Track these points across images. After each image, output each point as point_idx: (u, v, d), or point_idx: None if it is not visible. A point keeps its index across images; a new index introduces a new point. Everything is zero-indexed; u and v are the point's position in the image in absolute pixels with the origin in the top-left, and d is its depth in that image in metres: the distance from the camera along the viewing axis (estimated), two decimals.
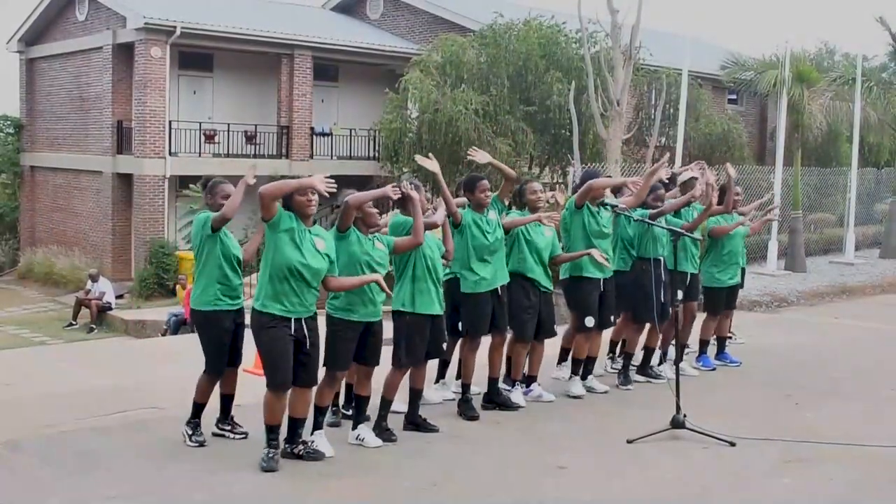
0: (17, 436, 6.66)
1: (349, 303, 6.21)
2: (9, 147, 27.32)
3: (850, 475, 6.14)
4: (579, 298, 7.90)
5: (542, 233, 7.63)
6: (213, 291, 6.30)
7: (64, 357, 11.20)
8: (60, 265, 23.82)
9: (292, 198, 5.88)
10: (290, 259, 5.80)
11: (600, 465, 6.31)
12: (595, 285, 7.86)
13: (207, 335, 6.37)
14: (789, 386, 8.63)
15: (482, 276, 7.20)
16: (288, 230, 5.83)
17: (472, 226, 7.20)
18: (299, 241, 5.84)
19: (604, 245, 7.86)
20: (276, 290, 5.84)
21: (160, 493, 5.62)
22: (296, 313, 5.87)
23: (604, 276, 7.89)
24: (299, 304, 5.87)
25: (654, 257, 8.25)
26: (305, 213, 5.91)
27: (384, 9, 27.80)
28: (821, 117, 20.61)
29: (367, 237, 6.27)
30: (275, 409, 5.94)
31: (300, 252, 5.82)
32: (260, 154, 23.95)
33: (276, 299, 5.84)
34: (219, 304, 6.31)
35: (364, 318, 6.25)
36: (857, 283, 16.30)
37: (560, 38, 22.05)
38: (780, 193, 17.34)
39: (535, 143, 21.54)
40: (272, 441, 5.96)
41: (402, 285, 6.64)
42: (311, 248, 5.87)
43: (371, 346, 6.36)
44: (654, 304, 8.13)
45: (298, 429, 6.10)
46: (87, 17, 24.56)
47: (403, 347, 6.60)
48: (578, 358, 8.03)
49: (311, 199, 5.88)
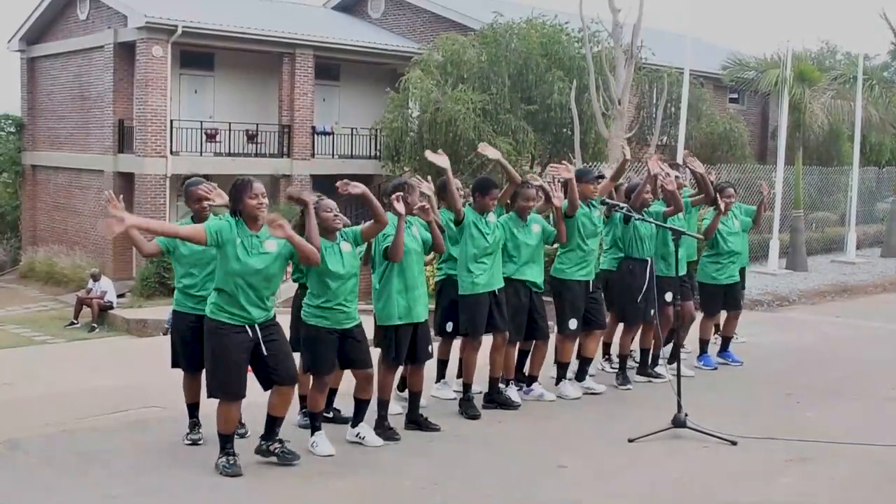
0: (17, 435, 6.67)
1: (321, 312, 6.10)
2: (10, 146, 27.34)
3: (850, 474, 6.13)
4: (564, 300, 7.85)
5: (531, 231, 7.59)
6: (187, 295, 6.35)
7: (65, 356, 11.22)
8: (62, 264, 23.83)
9: (242, 201, 5.64)
10: (234, 270, 5.60)
11: (601, 464, 6.30)
12: (582, 287, 7.82)
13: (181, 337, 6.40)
14: (790, 385, 8.62)
15: (479, 277, 7.17)
16: (229, 241, 5.61)
17: (472, 227, 7.16)
18: (244, 249, 5.62)
19: (595, 244, 7.85)
20: (227, 299, 5.67)
21: (160, 493, 5.61)
22: (250, 320, 5.69)
23: (591, 278, 7.88)
24: (249, 315, 5.67)
25: (642, 258, 8.22)
26: (255, 217, 5.64)
27: (385, 8, 27.82)
28: (822, 116, 20.59)
29: (332, 243, 6.08)
30: (228, 419, 5.81)
31: (244, 262, 5.59)
32: (261, 153, 23.97)
33: (225, 308, 5.67)
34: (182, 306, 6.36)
35: (336, 325, 6.14)
36: (858, 283, 16.30)
37: (561, 37, 22.06)
38: (781, 192, 17.34)
39: (536, 142, 21.54)
40: (228, 449, 5.82)
41: (382, 295, 6.56)
42: (257, 255, 5.63)
43: (356, 350, 6.24)
44: (644, 305, 8.13)
45: (276, 427, 5.98)
46: (88, 16, 24.58)
47: (391, 352, 6.59)
48: (564, 362, 7.97)
49: (262, 202, 5.67)
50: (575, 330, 7.81)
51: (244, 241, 5.64)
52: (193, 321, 6.22)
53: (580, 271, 7.78)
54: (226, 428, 5.83)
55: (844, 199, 21.08)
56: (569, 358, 7.96)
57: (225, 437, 5.84)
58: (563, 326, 7.83)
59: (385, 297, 6.55)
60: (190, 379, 6.46)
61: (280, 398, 5.92)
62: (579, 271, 7.78)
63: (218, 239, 5.60)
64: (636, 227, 8.08)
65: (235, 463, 5.81)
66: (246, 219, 5.68)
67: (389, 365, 6.65)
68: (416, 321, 6.62)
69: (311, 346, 6.15)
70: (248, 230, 5.67)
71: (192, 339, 6.22)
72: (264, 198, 5.70)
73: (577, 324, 7.80)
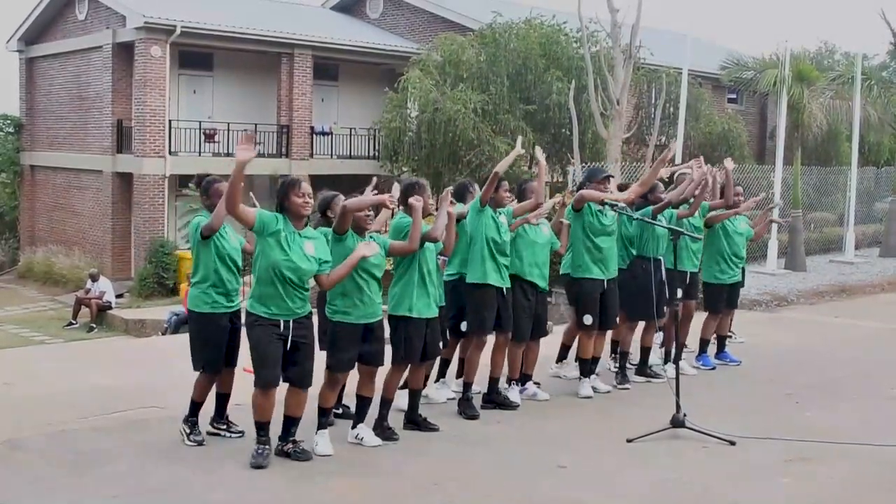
0: (17, 435, 6.67)
1: (346, 305, 6.20)
2: (9, 146, 27.32)
3: (850, 474, 6.14)
4: (580, 297, 7.90)
5: (541, 231, 7.62)
6: (210, 293, 6.31)
7: (64, 356, 11.19)
8: (60, 264, 23.83)
9: (288, 198, 5.87)
10: (275, 261, 5.79)
11: (600, 464, 6.31)
12: (597, 285, 7.86)
13: (203, 336, 6.37)
14: (789, 385, 8.63)
15: (491, 270, 7.21)
16: (274, 234, 5.80)
17: (490, 219, 7.22)
18: (287, 243, 5.82)
19: (608, 243, 7.86)
20: (262, 292, 5.85)
21: (160, 493, 5.62)
22: (283, 316, 5.86)
23: (607, 277, 7.90)
24: (286, 307, 5.85)
25: (654, 257, 8.26)
26: (300, 215, 5.90)
27: (384, 8, 27.82)
28: (821, 116, 20.59)
29: (363, 239, 6.22)
30: (262, 407, 5.94)
31: (287, 254, 5.80)
32: (260, 153, 23.87)
33: (262, 302, 5.85)
34: (215, 306, 6.32)
35: (362, 319, 6.23)
36: (856, 282, 16.30)
37: (560, 37, 22.06)
38: (779, 192, 17.34)
39: (535, 142, 21.52)
40: (262, 438, 5.98)
41: (398, 288, 6.61)
42: (298, 251, 5.84)
43: (372, 346, 6.34)
44: (652, 304, 8.14)
45: (291, 427, 6.09)
46: (86, 17, 24.56)
47: (402, 348, 6.60)
48: (585, 358, 8.02)
49: (308, 201, 5.90)
50: (590, 325, 7.85)
51: (287, 237, 5.83)
52: (226, 320, 6.33)
53: (593, 269, 7.81)
54: (260, 416, 5.95)
55: (843, 199, 21.09)
56: (588, 354, 7.98)
57: (260, 424, 5.97)
58: (581, 323, 7.89)
59: (399, 289, 6.60)
60: (207, 379, 6.47)
61: (293, 399, 6.05)
62: (592, 269, 7.81)
63: (263, 227, 5.78)
64: (652, 227, 8.11)
65: (263, 453, 5.94)
66: (291, 216, 5.88)
67: (398, 363, 6.65)
68: (428, 317, 6.65)
69: (333, 344, 6.23)
70: (291, 226, 5.86)
71: (223, 338, 6.34)
72: (310, 197, 5.90)
73: (593, 320, 7.84)
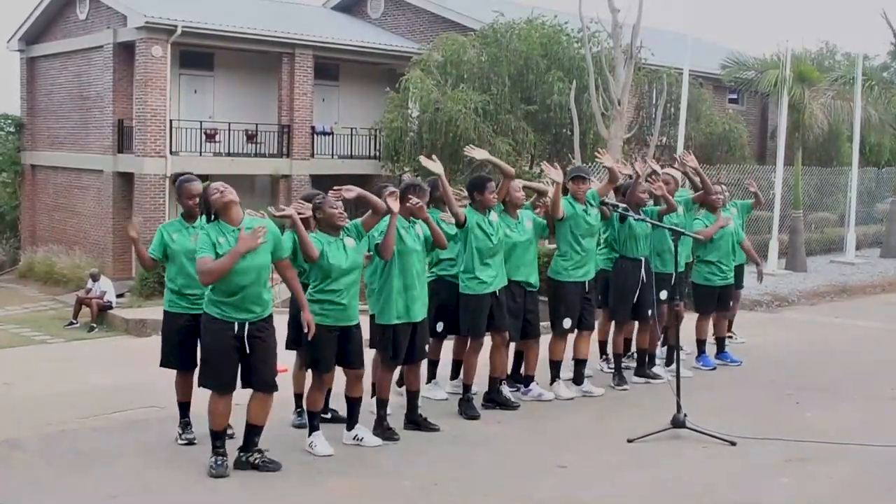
0: (17, 434, 6.68)
1: (321, 308, 6.13)
2: (9, 146, 27.33)
3: (850, 475, 6.14)
4: (560, 301, 7.85)
5: (524, 228, 7.57)
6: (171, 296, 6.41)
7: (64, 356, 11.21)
8: (61, 264, 23.80)
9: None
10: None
11: (600, 464, 6.30)
12: (579, 287, 7.82)
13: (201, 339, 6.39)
14: (789, 385, 8.62)
15: (484, 279, 7.16)
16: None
17: (476, 228, 7.14)
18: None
19: (592, 244, 7.85)
20: (215, 294, 5.74)
21: (160, 493, 5.62)
22: (238, 318, 5.73)
23: (586, 279, 7.87)
24: (241, 309, 5.71)
25: (635, 257, 8.22)
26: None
27: (385, 8, 27.80)
28: (822, 117, 20.58)
29: (336, 238, 6.18)
30: (217, 413, 5.81)
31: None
32: (261, 153, 23.96)
33: (215, 303, 5.75)
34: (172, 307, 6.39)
35: (337, 322, 6.17)
36: (857, 283, 16.30)
37: (561, 37, 22.06)
38: (780, 193, 17.33)
39: (536, 142, 21.54)
40: (218, 448, 5.83)
41: (380, 293, 6.57)
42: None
43: (351, 349, 6.27)
44: (630, 304, 8.14)
45: (254, 437, 5.92)
46: (87, 16, 24.56)
47: (389, 352, 6.58)
48: (555, 360, 7.96)
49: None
50: (568, 329, 7.83)
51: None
52: (188, 320, 6.26)
53: (577, 272, 7.78)
54: (215, 424, 5.83)
55: (844, 199, 21.07)
56: (561, 356, 7.96)
57: (215, 434, 5.85)
58: (558, 326, 7.84)
59: (385, 296, 6.55)
60: (182, 377, 6.46)
61: (256, 404, 5.89)
62: (576, 272, 7.78)
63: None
64: (631, 227, 8.09)
65: (223, 464, 5.81)
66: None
67: (388, 365, 6.64)
68: (415, 320, 6.63)
69: (312, 343, 6.14)
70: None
71: (187, 337, 6.28)
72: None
73: (572, 323, 7.82)
